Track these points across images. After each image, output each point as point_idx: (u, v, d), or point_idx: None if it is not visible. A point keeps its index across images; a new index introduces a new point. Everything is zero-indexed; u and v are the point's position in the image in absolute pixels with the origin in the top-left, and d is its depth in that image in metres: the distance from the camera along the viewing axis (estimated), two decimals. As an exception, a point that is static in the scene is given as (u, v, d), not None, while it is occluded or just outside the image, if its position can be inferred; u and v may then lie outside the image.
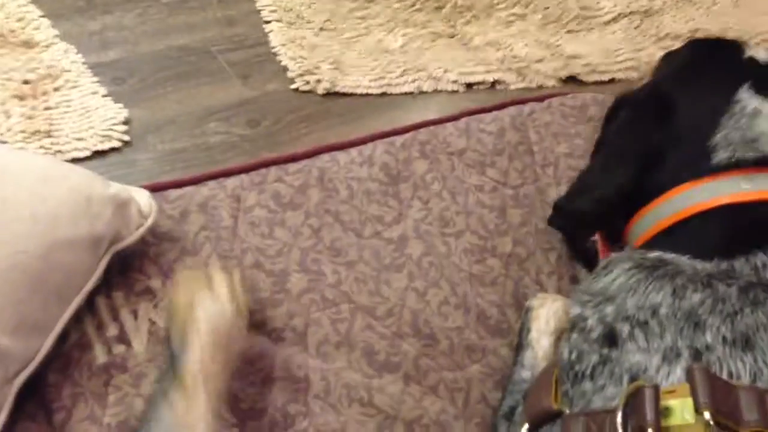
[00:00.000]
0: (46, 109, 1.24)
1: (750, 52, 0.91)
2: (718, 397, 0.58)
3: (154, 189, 0.93)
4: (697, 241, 0.78)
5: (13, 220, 0.75)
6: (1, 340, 0.71)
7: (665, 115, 0.87)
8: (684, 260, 0.74)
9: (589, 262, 0.98)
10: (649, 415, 0.59)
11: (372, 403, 0.83)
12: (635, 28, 1.59)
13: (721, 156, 0.83)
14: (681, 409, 0.59)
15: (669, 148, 0.86)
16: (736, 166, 0.82)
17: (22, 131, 1.18)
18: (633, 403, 0.62)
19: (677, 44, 1.53)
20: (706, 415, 0.57)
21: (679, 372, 0.64)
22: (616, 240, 0.92)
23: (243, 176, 1.00)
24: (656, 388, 0.61)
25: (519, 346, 0.87)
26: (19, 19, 1.42)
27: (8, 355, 0.71)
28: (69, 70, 1.32)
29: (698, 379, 0.59)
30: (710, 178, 0.82)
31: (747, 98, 0.84)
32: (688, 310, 0.67)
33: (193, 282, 0.78)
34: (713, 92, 0.87)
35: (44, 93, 1.27)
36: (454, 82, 1.41)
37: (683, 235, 0.81)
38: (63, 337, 0.79)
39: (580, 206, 0.93)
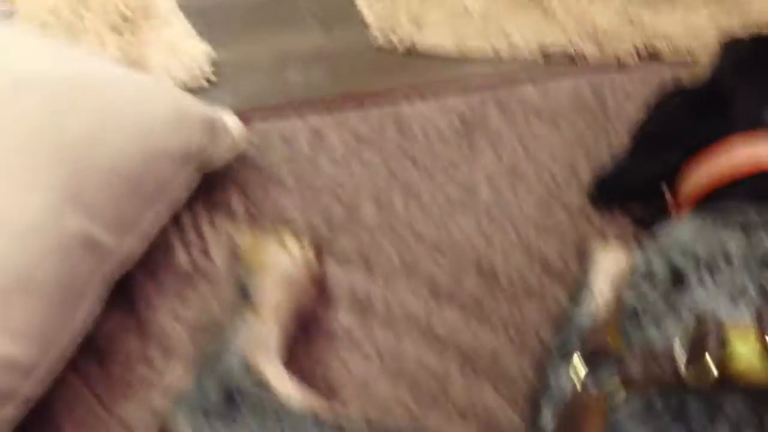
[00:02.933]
0: (139, 43, 1.31)
1: None
2: None
3: (241, 118, 0.98)
4: (756, 193, 0.79)
5: (115, 127, 0.81)
6: (100, 235, 0.77)
7: (721, 107, 0.89)
8: (751, 209, 0.75)
9: (644, 225, 1.00)
10: (713, 350, 0.60)
11: (431, 330, 0.86)
12: (722, 11, 1.57)
13: None
14: (744, 347, 0.60)
15: (723, 134, 0.87)
16: None
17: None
18: (695, 339, 0.63)
19: (763, 30, 1.52)
20: None
21: (746, 313, 0.64)
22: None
23: (324, 113, 1.04)
24: (721, 325, 0.62)
25: (578, 291, 0.89)
26: (118, -41, 1.48)
27: (105, 249, 0.78)
28: (162, 9, 1.38)
29: (766, 318, 0.60)
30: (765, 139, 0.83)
31: None
32: (760, 254, 0.68)
33: (267, 238, 0.83)
34: None
35: (138, 27, 1.34)
36: (532, 50, 1.42)
37: (738, 189, 0.82)
38: (150, 242, 0.85)
39: (632, 183, 0.96)
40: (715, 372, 0.59)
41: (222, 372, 0.67)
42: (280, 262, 0.80)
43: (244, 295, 0.77)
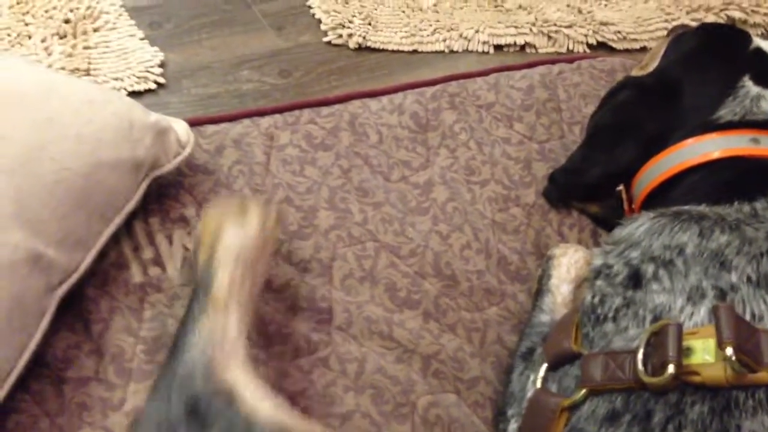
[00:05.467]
0: (86, 48, 1.27)
1: (756, 43, 0.94)
2: (742, 336, 0.60)
3: (192, 123, 0.96)
4: (710, 189, 0.80)
5: (59, 138, 0.78)
6: (47, 251, 0.74)
7: (672, 98, 0.90)
8: (702, 207, 0.76)
9: (602, 223, 1.01)
10: (672, 351, 0.61)
11: (392, 336, 0.86)
12: (670, 0, 1.59)
13: (727, 118, 0.85)
14: (702, 349, 0.61)
15: (674, 126, 0.88)
16: (743, 125, 0.84)
17: (62, 68, 1.22)
18: (655, 341, 0.63)
19: (709, 16, 1.54)
20: (729, 350, 0.58)
21: (703, 312, 0.65)
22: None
23: (277, 116, 1.03)
24: (679, 326, 0.63)
25: (539, 292, 0.89)
26: (61, -39, 1.44)
27: (52, 265, 0.75)
28: (108, 12, 1.35)
29: (723, 317, 0.60)
30: (717, 133, 0.84)
31: (750, 85, 0.87)
32: (714, 251, 0.68)
33: (224, 209, 0.79)
34: (719, 79, 0.89)
35: (84, 33, 1.30)
36: (485, 43, 1.42)
37: (691, 185, 0.83)
38: (102, 255, 0.83)
39: (586, 180, 0.97)
40: (672, 369, 0.60)
41: (184, 379, 0.64)
42: (235, 233, 0.76)
43: (201, 280, 0.73)
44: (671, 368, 0.60)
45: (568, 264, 0.90)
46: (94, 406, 0.75)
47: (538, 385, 0.73)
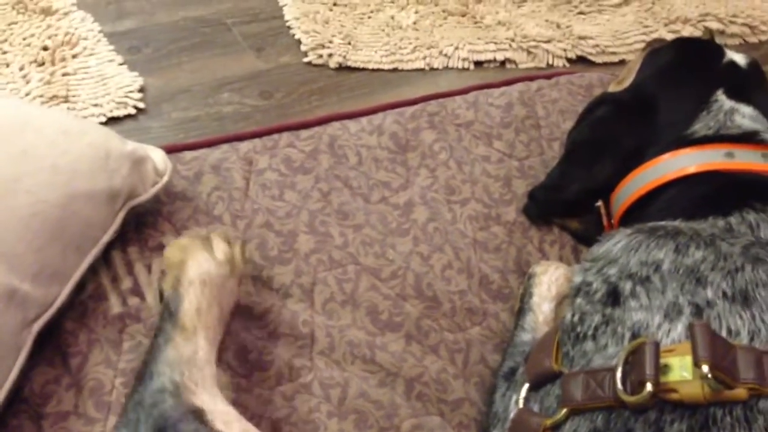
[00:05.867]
0: (64, 75, 1.27)
1: (730, 57, 0.94)
2: (718, 354, 0.60)
3: (170, 150, 0.96)
4: (685, 204, 0.80)
5: (34, 170, 0.78)
6: (22, 285, 0.74)
7: (647, 113, 0.91)
8: (678, 223, 0.76)
9: (582, 239, 1.02)
10: (649, 370, 0.61)
11: (374, 360, 0.85)
12: (646, 11, 1.60)
13: (701, 133, 0.86)
14: (679, 366, 0.61)
15: (651, 142, 0.89)
16: (717, 140, 0.85)
17: (41, 96, 1.21)
18: (633, 359, 0.63)
19: (687, 28, 1.55)
20: (705, 368, 0.59)
21: (680, 329, 0.65)
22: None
23: (256, 141, 1.03)
24: (656, 345, 0.63)
25: (520, 311, 0.89)
26: (38, -13, 1.44)
27: (28, 300, 0.74)
28: (86, 38, 1.35)
29: (699, 335, 0.61)
30: (692, 148, 0.85)
31: (724, 99, 0.88)
32: (690, 266, 0.69)
33: (190, 241, 0.80)
34: (693, 93, 0.90)
35: (62, 59, 1.30)
36: (464, 59, 1.43)
37: (667, 200, 0.83)
38: (80, 287, 0.82)
39: (565, 196, 0.98)
40: (650, 387, 0.60)
41: (151, 407, 0.63)
42: (199, 261, 0.76)
43: (167, 309, 0.73)
44: (649, 386, 0.60)
45: (549, 282, 0.90)
46: (73, 442, 0.74)
47: (521, 405, 0.73)
